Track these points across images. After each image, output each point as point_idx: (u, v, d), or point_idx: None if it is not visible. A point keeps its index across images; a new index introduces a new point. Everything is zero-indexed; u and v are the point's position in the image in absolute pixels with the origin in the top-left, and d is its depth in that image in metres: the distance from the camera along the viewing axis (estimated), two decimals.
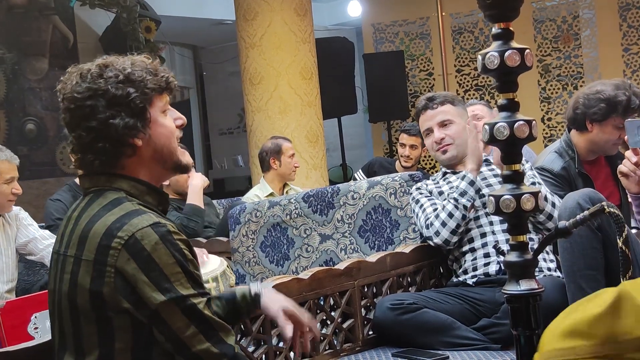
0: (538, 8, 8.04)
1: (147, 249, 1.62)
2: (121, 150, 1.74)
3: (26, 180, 5.95)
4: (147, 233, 1.63)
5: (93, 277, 1.64)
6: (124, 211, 1.68)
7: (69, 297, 1.69)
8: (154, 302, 1.62)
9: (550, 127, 7.99)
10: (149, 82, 1.76)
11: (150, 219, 1.67)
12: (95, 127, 1.71)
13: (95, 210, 1.71)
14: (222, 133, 11.77)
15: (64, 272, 1.71)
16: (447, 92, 3.29)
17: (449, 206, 2.92)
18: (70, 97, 1.73)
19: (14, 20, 7.28)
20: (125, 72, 1.74)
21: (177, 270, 1.64)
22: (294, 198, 3.43)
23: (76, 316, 1.68)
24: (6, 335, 2.83)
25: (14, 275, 3.61)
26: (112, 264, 1.63)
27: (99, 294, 1.64)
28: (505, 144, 1.71)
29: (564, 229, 1.73)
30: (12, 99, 7.20)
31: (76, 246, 1.69)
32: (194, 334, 1.64)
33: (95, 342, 1.66)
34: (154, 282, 1.62)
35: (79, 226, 1.71)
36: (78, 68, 1.77)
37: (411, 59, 8.63)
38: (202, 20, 9.76)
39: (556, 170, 3.21)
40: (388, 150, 8.51)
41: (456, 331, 2.67)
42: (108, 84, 1.72)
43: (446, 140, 3.09)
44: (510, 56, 1.67)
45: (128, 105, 1.72)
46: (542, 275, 2.83)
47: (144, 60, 1.80)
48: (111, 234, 1.64)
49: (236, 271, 3.52)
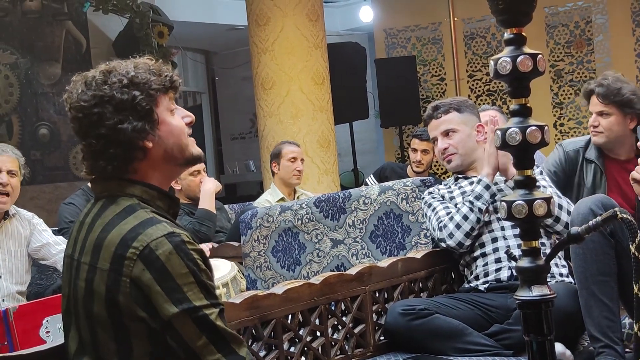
0: (551, 13, 8.03)
1: (161, 259, 1.62)
2: (133, 155, 1.74)
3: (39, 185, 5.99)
4: (161, 243, 1.63)
5: (108, 285, 1.65)
6: (138, 220, 1.68)
7: (85, 305, 1.70)
8: (166, 313, 1.62)
9: (563, 133, 7.97)
10: (153, 83, 1.76)
11: (165, 228, 1.67)
12: (105, 133, 1.71)
13: (109, 217, 1.71)
14: (234, 138, 11.80)
15: (79, 279, 1.71)
16: (455, 97, 3.26)
17: (463, 209, 2.92)
18: (77, 106, 1.74)
19: (28, 25, 7.32)
20: (128, 76, 1.74)
21: (190, 281, 1.64)
22: (306, 203, 3.43)
23: (93, 323, 1.69)
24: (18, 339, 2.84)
25: (24, 277, 3.62)
26: (127, 274, 1.63)
27: (115, 303, 1.64)
28: (518, 150, 1.70)
29: (576, 235, 1.72)
30: (25, 103, 7.24)
31: (90, 254, 1.70)
32: (205, 344, 1.64)
33: (114, 349, 1.67)
34: (167, 293, 1.62)
35: (93, 233, 1.72)
36: (82, 76, 1.78)
37: (423, 64, 8.63)
38: (215, 25, 9.79)
39: (569, 149, 3.30)
40: (400, 155, 8.51)
41: (468, 337, 2.66)
42: (113, 89, 1.72)
43: (449, 150, 3.11)
44: (523, 61, 1.66)
45: (135, 108, 1.73)
46: (554, 281, 2.82)
47: (146, 61, 1.81)
48: (126, 243, 1.64)
49: (247, 276, 3.52)
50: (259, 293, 2.34)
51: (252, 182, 10.68)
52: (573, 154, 3.39)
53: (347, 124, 8.56)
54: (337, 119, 7.10)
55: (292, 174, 4.98)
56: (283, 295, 2.39)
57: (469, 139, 3.09)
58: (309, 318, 2.48)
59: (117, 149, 1.72)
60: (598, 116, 3.28)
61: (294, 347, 2.42)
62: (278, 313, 2.36)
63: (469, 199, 2.93)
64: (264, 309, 2.32)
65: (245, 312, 2.25)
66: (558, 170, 3.42)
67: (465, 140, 3.09)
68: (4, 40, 7.17)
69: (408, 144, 7.03)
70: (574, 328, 2.61)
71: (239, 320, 2.22)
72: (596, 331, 2.50)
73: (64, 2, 7.38)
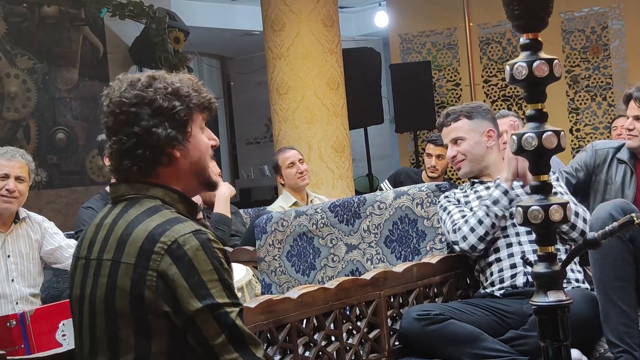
0: (567, 19, 8.00)
1: (188, 254, 1.66)
2: (159, 159, 1.79)
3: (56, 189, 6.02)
4: (189, 239, 1.67)
5: (133, 280, 1.67)
6: (164, 218, 1.73)
7: (106, 300, 1.71)
8: (190, 308, 1.65)
9: (579, 138, 7.93)
10: (194, 98, 1.83)
11: (192, 226, 1.71)
12: (138, 132, 1.76)
13: (133, 216, 1.75)
14: (249, 143, 11.82)
15: (99, 276, 1.73)
16: (469, 103, 3.27)
17: (479, 212, 2.92)
18: (118, 101, 1.78)
19: (45, 31, 7.38)
20: (173, 86, 1.80)
21: (215, 278, 1.67)
22: (320, 208, 3.43)
23: (112, 319, 1.70)
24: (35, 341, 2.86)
25: (36, 280, 3.64)
26: (154, 268, 1.66)
27: (140, 297, 1.67)
28: (534, 155, 1.70)
29: (593, 241, 1.72)
30: (42, 108, 7.28)
31: (114, 250, 1.72)
32: (224, 343, 1.66)
33: (132, 344, 1.68)
34: (192, 288, 1.65)
35: (116, 231, 1.74)
36: (128, 77, 1.83)
37: (438, 69, 8.62)
38: (230, 31, 9.83)
39: (599, 147, 3.36)
40: (414, 160, 8.50)
41: (483, 343, 2.65)
42: (157, 94, 1.78)
43: (458, 157, 3.14)
44: (539, 67, 1.67)
45: (172, 117, 1.78)
46: (571, 287, 2.81)
47: (191, 78, 1.87)
48: (153, 238, 1.68)
49: (262, 280, 3.53)
50: (274, 297, 2.34)
51: (266, 187, 10.69)
52: (602, 153, 3.44)
53: (362, 129, 8.55)
54: (352, 124, 7.10)
55: (297, 178, 4.93)
56: (298, 299, 2.39)
57: (478, 146, 3.10)
58: (324, 322, 2.48)
59: (146, 151, 1.77)
60: (634, 120, 3.32)
61: (308, 352, 2.42)
62: (293, 317, 2.36)
63: (485, 203, 2.92)
64: (278, 313, 2.32)
65: (260, 316, 2.25)
66: (581, 168, 3.46)
67: (474, 147, 3.11)
68: (22, 46, 7.23)
69: (423, 149, 7.02)
70: (590, 334, 2.60)
71: (254, 324, 2.23)
72: (614, 337, 2.49)
73: (81, 8, 7.43)
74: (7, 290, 3.50)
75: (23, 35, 7.24)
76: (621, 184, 3.35)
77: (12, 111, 7.14)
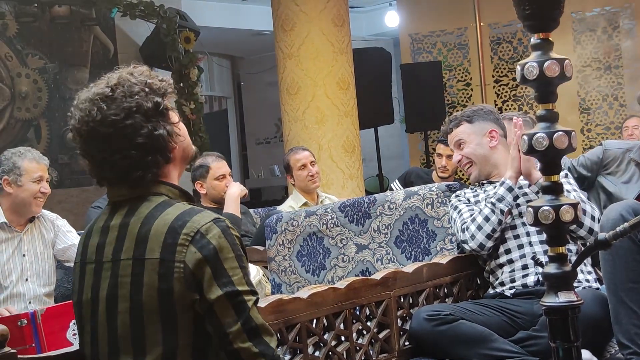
0: (578, 18, 7.97)
1: (212, 242, 1.69)
2: (168, 158, 1.81)
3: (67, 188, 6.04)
4: (210, 228, 1.71)
5: (160, 274, 1.69)
6: (179, 210, 1.75)
7: (132, 299, 1.72)
8: (211, 296, 1.68)
9: (590, 139, 7.90)
10: (162, 87, 1.83)
11: (210, 214, 1.74)
12: (143, 142, 1.75)
13: (145, 213, 1.76)
14: (259, 143, 11.84)
15: (119, 277, 1.74)
16: (470, 107, 3.30)
17: (485, 210, 2.93)
18: (108, 121, 1.74)
19: (56, 30, 7.41)
20: (146, 84, 1.80)
21: (235, 265, 1.71)
22: (331, 208, 3.43)
23: (138, 316, 1.71)
24: (46, 340, 2.87)
25: (51, 279, 3.65)
26: (180, 260, 1.69)
27: (169, 291, 1.69)
28: (544, 155, 1.69)
29: (604, 241, 1.71)
30: (53, 108, 7.32)
31: (133, 249, 1.73)
32: (239, 331, 1.69)
33: (159, 340, 1.70)
34: (215, 276, 1.69)
35: (131, 230, 1.75)
36: (89, 98, 1.78)
37: (449, 69, 8.60)
38: (241, 30, 9.84)
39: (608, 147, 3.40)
40: (425, 160, 8.48)
41: (493, 343, 2.65)
42: (139, 99, 1.77)
43: (463, 161, 3.17)
44: (550, 66, 1.66)
45: (161, 113, 1.79)
46: (581, 288, 2.80)
47: (141, 69, 1.85)
48: (175, 231, 1.70)
49: (272, 280, 3.53)
50: (284, 297, 2.34)
51: (276, 187, 10.71)
52: (612, 152, 3.46)
53: (372, 129, 8.55)
54: (362, 124, 7.10)
55: (307, 181, 4.91)
56: (308, 299, 2.39)
57: (480, 148, 3.13)
58: (334, 322, 2.48)
59: (155, 156, 1.77)
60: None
61: (318, 352, 2.42)
62: (303, 317, 2.36)
63: (490, 200, 2.93)
64: (288, 313, 2.32)
65: (270, 316, 2.25)
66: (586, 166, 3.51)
67: (476, 149, 3.13)
68: (33, 46, 7.26)
69: (433, 149, 7.01)
70: (601, 335, 2.59)
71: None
72: (624, 338, 2.48)
73: (92, 8, 7.45)
74: (21, 289, 3.52)
75: (34, 35, 7.27)
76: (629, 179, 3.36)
77: (23, 111, 7.18)
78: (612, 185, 3.43)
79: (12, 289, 3.50)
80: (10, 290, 3.49)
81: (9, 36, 7.12)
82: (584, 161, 3.56)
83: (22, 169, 3.51)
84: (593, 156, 3.55)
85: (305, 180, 4.90)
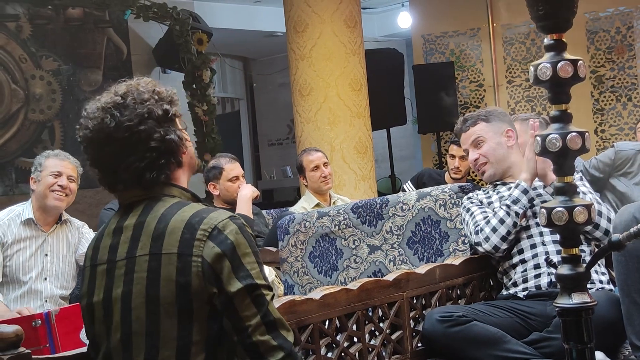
0: (591, 19, 7.94)
1: (230, 237, 1.74)
2: (180, 160, 1.88)
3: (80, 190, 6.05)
4: (227, 224, 1.76)
5: (179, 268, 1.73)
6: (195, 209, 1.80)
7: (147, 294, 1.74)
8: (231, 289, 1.71)
9: (604, 139, 7.87)
10: (169, 96, 1.91)
11: (226, 212, 1.79)
12: (156, 146, 1.82)
13: (161, 211, 1.80)
14: (272, 144, 11.85)
15: (134, 273, 1.77)
16: (484, 108, 3.29)
17: (500, 212, 2.91)
18: (124, 127, 1.81)
19: (70, 32, 7.45)
20: (155, 92, 1.87)
21: (252, 260, 1.76)
22: (343, 209, 3.43)
23: (154, 311, 1.74)
24: (60, 341, 2.88)
25: (69, 283, 3.70)
26: (198, 254, 1.72)
27: (187, 284, 1.72)
28: (558, 156, 1.69)
29: (617, 242, 1.71)
30: (67, 109, 7.36)
31: (150, 245, 1.77)
32: (258, 324, 1.72)
33: (174, 336, 1.72)
34: (234, 270, 1.72)
35: (147, 228, 1.79)
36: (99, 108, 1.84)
37: (461, 70, 8.58)
38: (253, 32, 9.86)
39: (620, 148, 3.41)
40: (437, 161, 8.47)
41: (506, 345, 2.64)
42: (150, 105, 1.84)
43: (480, 160, 3.13)
44: (563, 67, 1.65)
45: (171, 120, 1.87)
46: (595, 289, 2.79)
47: (145, 79, 1.93)
48: (193, 227, 1.74)
49: (285, 281, 3.53)
50: (297, 298, 2.35)
51: (289, 188, 10.71)
52: (625, 154, 3.46)
53: (385, 130, 8.55)
54: (375, 125, 7.09)
55: (320, 182, 4.92)
56: (320, 300, 2.39)
57: (499, 147, 3.10)
58: (346, 324, 2.48)
59: (167, 158, 1.84)
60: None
61: (331, 353, 2.42)
62: (315, 318, 2.36)
63: (505, 202, 2.92)
64: (301, 314, 2.33)
65: (283, 316, 2.25)
66: (598, 168, 3.50)
67: (495, 148, 3.10)
68: (47, 48, 7.31)
69: (446, 150, 7.00)
70: (614, 336, 2.58)
71: None
72: (637, 340, 2.47)
73: (105, 10, 7.50)
74: (39, 287, 3.58)
75: (48, 37, 7.32)
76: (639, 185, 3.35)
77: (37, 112, 7.22)
78: (623, 186, 3.42)
79: (31, 285, 3.56)
80: (28, 287, 3.56)
81: (23, 38, 7.16)
82: (595, 163, 3.56)
83: (43, 166, 3.64)
84: (605, 158, 3.54)
85: (318, 181, 4.90)
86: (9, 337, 1.73)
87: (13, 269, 3.54)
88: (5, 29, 7.07)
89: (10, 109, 7.07)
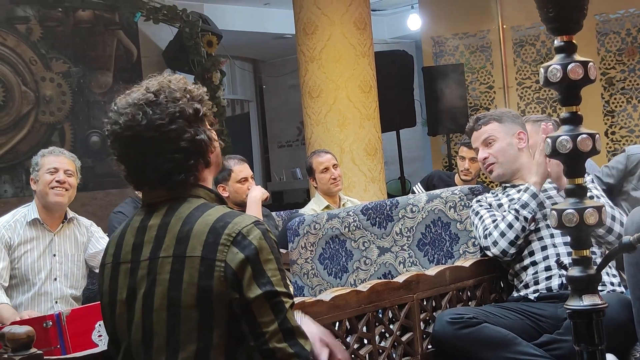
0: (602, 21, 7.91)
1: (253, 243, 1.73)
2: (208, 161, 1.88)
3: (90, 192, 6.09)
4: (252, 229, 1.75)
5: (201, 272, 1.72)
6: (220, 212, 1.79)
7: (170, 295, 1.74)
8: (250, 295, 1.70)
9: (614, 141, 7.84)
10: (200, 94, 1.90)
11: (250, 217, 1.79)
12: (186, 146, 1.81)
13: (186, 213, 1.80)
14: (281, 146, 11.86)
15: (157, 274, 1.77)
16: (497, 109, 3.29)
17: (509, 217, 2.90)
18: (153, 125, 1.80)
19: (80, 35, 7.48)
20: (187, 91, 1.86)
21: (274, 267, 1.75)
22: (353, 211, 3.44)
23: (176, 313, 1.74)
24: (71, 342, 2.89)
25: (79, 282, 3.70)
26: (221, 259, 1.72)
27: (209, 288, 1.72)
28: (568, 158, 1.69)
29: (628, 244, 1.70)
30: (77, 111, 7.39)
31: (174, 247, 1.76)
32: (276, 331, 1.71)
33: (194, 337, 1.72)
34: (255, 276, 1.71)
35: (171, 229, 1.79)
36: (131, 104, 1.83)
37: (471, 72, 8.56)
38: (263, 34, 9.87)
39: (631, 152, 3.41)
40: (447, 163, 8.46)
41: (517, 347, 2.63)
42: (182, 104, 1.83)
43: (489, 160, 3.12)
44: (574, 69, 1.65)
45: (201, 119, 1.86)
46: (606, 291, 2.78)
47: (175, 76, 1.92)
48: (217, 232, 1.74)
49: (294, 283, 3.54)
50: (307, 300, 2.35)
51: (298, 190, 10.71)
52: (636, 158, 3.45)
53: (394, 132, 8.53)
54: (384, 127, 7.09)
55: (329, 184, 4.93)
56: (330, 302, 2.39)
57: (510, 148, 3.10)
58: (356, 325, 2.48)
59: (197, 159, 1.84)
60: None
61: None
62: (325, 320, 2.36)
63: (514, 207, 2.91)
64: (311, 315, 2.31)
65: None
66: (611, 175, 3.48)
67: (506, 149, 3.10)
68: (57, 50, 7.34)
69: (456, 152, 6.99)
70: (625, 339, 2.57)
71: None
72: None
73: (115, 12, 7.52)
74: (49, 288, 3.58)
75: (58, 39, 7.34)
76: None
77: (47, 114, 7.25)
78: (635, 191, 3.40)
79: (41, 286, 3.56)
80: (38, 288, 3.56)
81: (33, 40, 7.19)
82: (608, 171, 3.53)
83: (39, 165, 3.64)
84: (617, 164, 3.53)
85: (328, 183, 4.91)
86: (20, 338, 1.74)
87: (22, 270, 3.53)
88: (16, 31, 7.10)
89: (20, 111, 7.09)
